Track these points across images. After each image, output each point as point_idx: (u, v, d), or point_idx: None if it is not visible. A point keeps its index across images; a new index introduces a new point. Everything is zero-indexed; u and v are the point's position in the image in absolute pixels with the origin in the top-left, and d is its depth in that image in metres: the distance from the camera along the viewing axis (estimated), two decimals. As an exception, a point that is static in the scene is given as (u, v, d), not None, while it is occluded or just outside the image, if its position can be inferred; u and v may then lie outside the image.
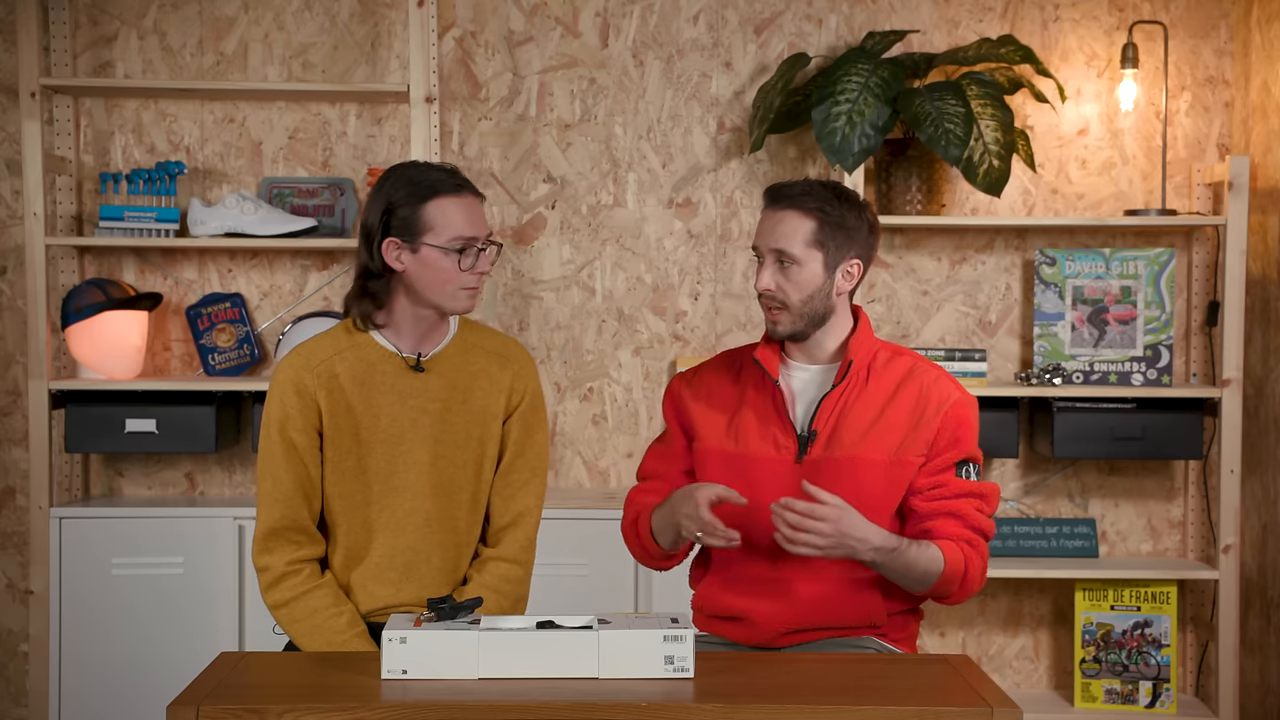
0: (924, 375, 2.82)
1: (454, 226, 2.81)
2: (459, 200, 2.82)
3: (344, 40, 4.48)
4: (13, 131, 4.42)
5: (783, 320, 2.81)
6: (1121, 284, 4.34)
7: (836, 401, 2.80)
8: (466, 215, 2.82)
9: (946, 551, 2.73)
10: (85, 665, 4.14)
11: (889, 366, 2.83)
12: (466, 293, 2.84)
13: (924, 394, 2.80)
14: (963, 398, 2.82)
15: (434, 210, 2.81)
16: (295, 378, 2.85)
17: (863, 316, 2.88)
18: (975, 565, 2.76)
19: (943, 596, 2.79)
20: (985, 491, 2.81)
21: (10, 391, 4.47)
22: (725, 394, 2.89)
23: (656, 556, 2.92)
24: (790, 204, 2.80)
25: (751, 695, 2.33)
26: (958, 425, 2.79)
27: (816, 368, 2.86)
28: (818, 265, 2.79)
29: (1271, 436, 4.25)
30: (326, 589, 2.84)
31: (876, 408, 2.80)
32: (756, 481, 2.80)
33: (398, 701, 2.29)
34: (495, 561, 2.92)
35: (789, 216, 2.79)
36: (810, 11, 4.49)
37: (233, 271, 4.50)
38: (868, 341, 2.85)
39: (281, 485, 2.84)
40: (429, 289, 2.83)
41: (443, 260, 2.81)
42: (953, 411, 2.79)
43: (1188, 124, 4.50)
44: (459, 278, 2.82)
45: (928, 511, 2.78)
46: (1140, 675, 4.35)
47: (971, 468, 2.81)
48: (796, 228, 2.79)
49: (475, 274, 2.83)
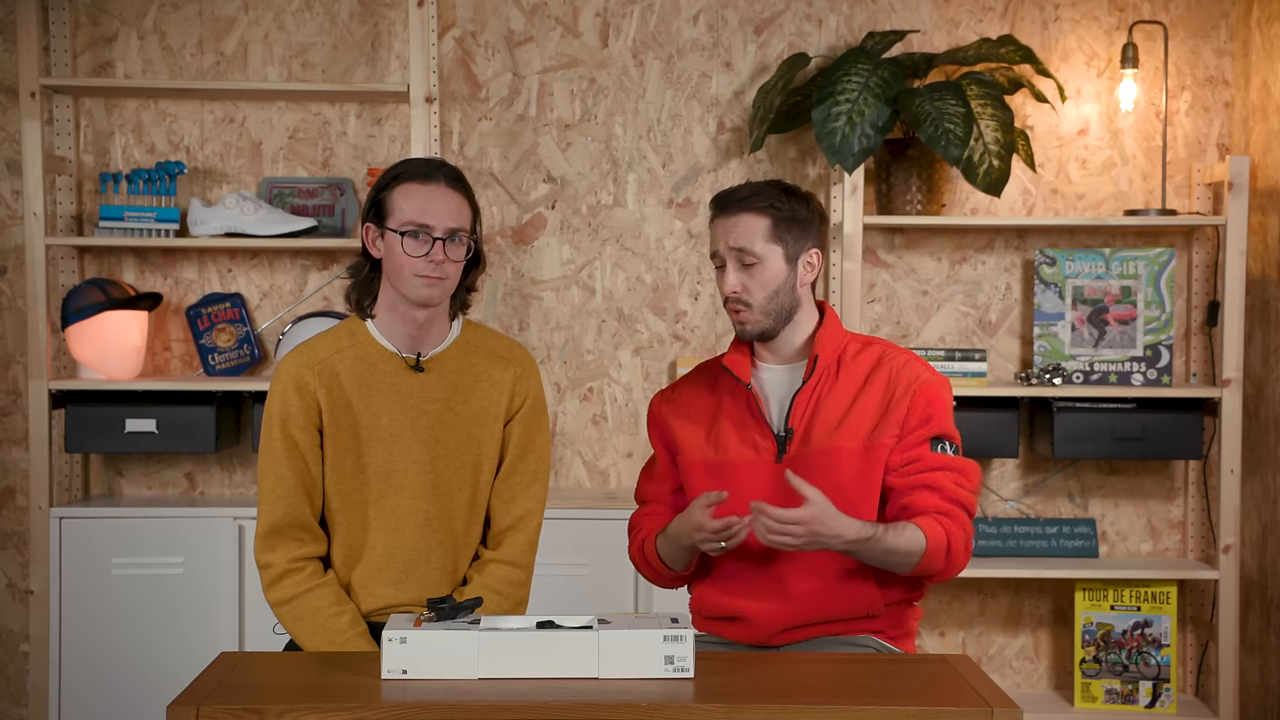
0: (893, 361, 2.83)
1: (408, 210, 2.80)
2: (424, 187, 2.81)
3: (344, 40, 4.48)
4: (13, 131, 4.42)
5: (750, 320, 2.83)
6: (1121, 284, 4.34)
7: (809, 398, 2.82)
8: (424, 201, 2.80)
9: (926, 529, 2.70)
10: (85, 665, 4.14)
11: (859, 358, 2.85)
12: (421, 280, 2.80)
13: (893, 378, 2.81)
14: (932, 378, 2.82)
15: (398, 194, 2.82)
16: (296, 375, 2.86)
17: (829, 311, 2.89)
18: (957, 537, 2.72)
19: (931, 574, 2.76)
20: (963, 467, 2.78)
21: (10, 391, 4.47)
22: (702, 405, 2.91)
23: (669, 578, 2.95)
24: (740, 207, 2.82)
25: (751, 695, 2.33)
26: (928, 403, 2.79)
27: (786, 366, 2.88)
28: (779, 260, 2.81)
29: (1271, 436, 4.25)
30: (328, 587, 2.84)
31: (848, 399, 2.81)
32: (740, 485, 2.81)
33: (398, 701, 2.29)
34: (496, 564, 2.92)
35: (742, 219, 2.82)
36: (810, 11, 4.49)
37: (233, 271, 4.50)
38: (835, 335, 2.86)
39: (283, 482, 2.84)
40: (390, 275, 2.85)
41: (396, 244, 2.81)
42: (922, 390, 2.79)
43: (1188, 124, 4.50)
44: (410, 263, 2.80)
45: (904, 487, 2.77)
46: (1140, 675, 4.35)
47: (947, 445, 2.80)
48: (752, 227, 2.81)
49: (429, 262, 2.79)
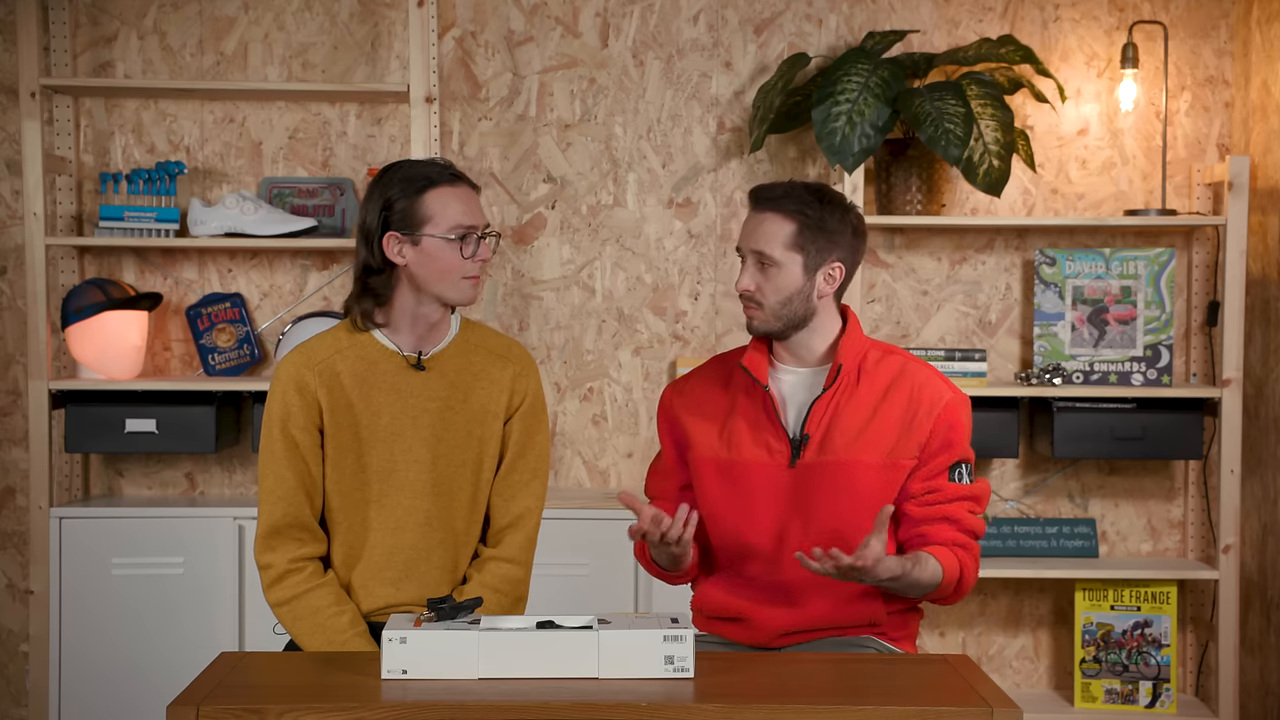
0: (915, 375, 2.82)
1: (453, 215, 2.83)
2: (456, 190, 2.84)
3: (344, 40, 4.48)
4: (13, 131, 4.42)
5: (758, 317, 2.82)
6: (1121, 284, 4.34)
7: (828, 405, 2.80)
8: (464, 204, 2.84)
9: (943, 561, 2.75)
10: (85, 665, 4.14)
11: (880, 366, 2.83)
12: (469, 282, 2.86)
13: (915, 395, 2.79)
14: (955, 398, 2.81)
15: (433, 200, 2.82)
16: (296, 375, 2.86)
17: (852, 317, 2.87)
18: (969, 569, 2.80)
19: (939, 600, 2.83)
20: (977, 493, 2.83)
21: (10, 391, 4.47)
22: (716, 402, 2.89)
23: (670, 578, 2.96)
24: (771, 206, 2.80)
25: (751, 695, 2.33)
26: (949, 428, 2.79)
27: (806, 370, 2.86)
28: (797, 268, 2.79)
29: (1271, 436, 4.25)
30: (329, 588, 2.84)
31: (868, 410, 2.79)
32: (750, 487, 2.80)
33: (398, 701, 2.29)
34: (495, 562, 2.92)
35: (769, 219, 2.80)
36: (810, 11, 4.49)
37: (233, 271, 4.50)
38: (857, 343, 2.84)
39: (284, 482, 2.84)
40: (431, 280, 2.84)
41: (444, 250, 2.82)
42: (945, 414, 2.79)
43: (1188, 124, 4.50)
44: (461, 266, 2.83)
45: (922, 517, 2.79)
46: (1140, 675, 4.35)
47: (964, 470, 2.82)
48: (776, 231, 2.79)
49: (477, 261, 2.85)
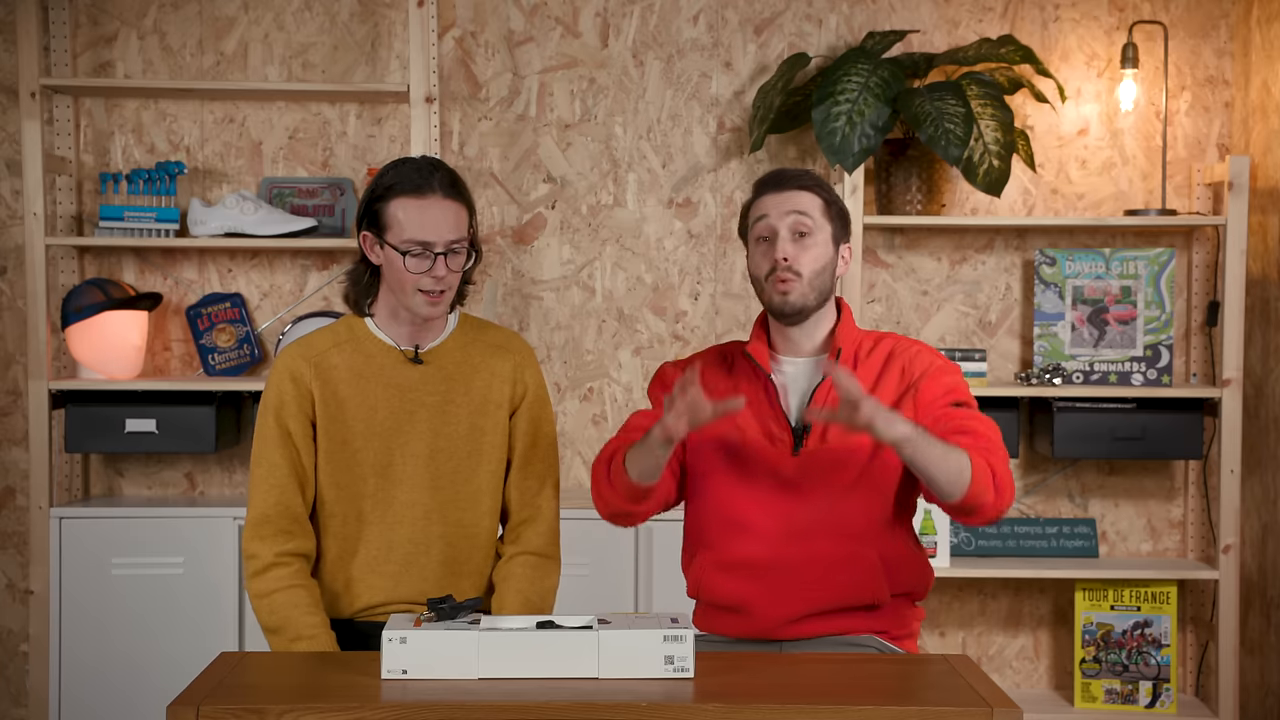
0: (905, 351, 2.86)
1: (409, 229, 2.77)
2: (420, 201, 2.77)
3: (344, 40, 4.48)
4: (13, 131, 4.42)
5: (796, 290, 2.79)
6: (1121, 284, 4.34)
7: (829, 393, 2.81)
8: (422, 217, 2.76)
9: (970, 453, 2.63)
10: (85, 665, 4.14)
11: (873, 353, 2.87)
12: (423, 297, 2.79)
13: (907, 368, 2.83)
14: (945, 364, 2.84)
15: (395, 208, 2.79)
16: (292, 366, 2.87)
17: (845, 307, 2.92)
18: (1001, 470, 2.65)
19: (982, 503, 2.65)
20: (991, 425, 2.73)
21: (10, 391, 4.47)
22: (719, 384, 2.89)
23: (624, 496, 2.78)
24: (795, 184, 2.85)
25: (751, 695, 2.33)
26: (942, 381, 2.80)
27: (805, 360, 2.88)
28: (828, 239, 2.84)
29: (1271, 436, 4.25)
30: (308, 590, 2.82)
31: (867, 393, 2.80)
32: (752, 472, 2.82)
33: (398, 701, 2.28)
34: (520, 556, 2.93)
35: (798, 194, 2.84)
36: (810, 11, 4.49)
37: (233, 271, 4.50)
38: (852, 331, 2.89)
39: (276, 471, 2.84)
40: (392, 287, 2.84)
41: (397, 261, 2.79)
42: (935, 374, 2.80)
43: (1188, 124, 4.50)
44: (413, 279, 2.79)
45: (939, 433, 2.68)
46: (1140, 675, 4.35)
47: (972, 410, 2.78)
48: (811, 202, 2.84)
49: (432, 277, 2.78)
